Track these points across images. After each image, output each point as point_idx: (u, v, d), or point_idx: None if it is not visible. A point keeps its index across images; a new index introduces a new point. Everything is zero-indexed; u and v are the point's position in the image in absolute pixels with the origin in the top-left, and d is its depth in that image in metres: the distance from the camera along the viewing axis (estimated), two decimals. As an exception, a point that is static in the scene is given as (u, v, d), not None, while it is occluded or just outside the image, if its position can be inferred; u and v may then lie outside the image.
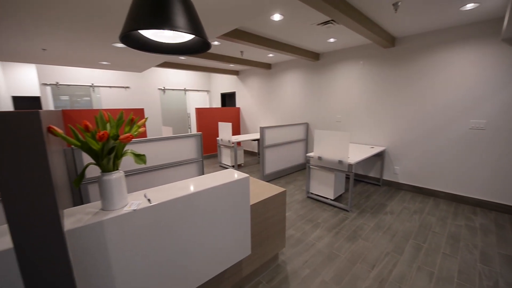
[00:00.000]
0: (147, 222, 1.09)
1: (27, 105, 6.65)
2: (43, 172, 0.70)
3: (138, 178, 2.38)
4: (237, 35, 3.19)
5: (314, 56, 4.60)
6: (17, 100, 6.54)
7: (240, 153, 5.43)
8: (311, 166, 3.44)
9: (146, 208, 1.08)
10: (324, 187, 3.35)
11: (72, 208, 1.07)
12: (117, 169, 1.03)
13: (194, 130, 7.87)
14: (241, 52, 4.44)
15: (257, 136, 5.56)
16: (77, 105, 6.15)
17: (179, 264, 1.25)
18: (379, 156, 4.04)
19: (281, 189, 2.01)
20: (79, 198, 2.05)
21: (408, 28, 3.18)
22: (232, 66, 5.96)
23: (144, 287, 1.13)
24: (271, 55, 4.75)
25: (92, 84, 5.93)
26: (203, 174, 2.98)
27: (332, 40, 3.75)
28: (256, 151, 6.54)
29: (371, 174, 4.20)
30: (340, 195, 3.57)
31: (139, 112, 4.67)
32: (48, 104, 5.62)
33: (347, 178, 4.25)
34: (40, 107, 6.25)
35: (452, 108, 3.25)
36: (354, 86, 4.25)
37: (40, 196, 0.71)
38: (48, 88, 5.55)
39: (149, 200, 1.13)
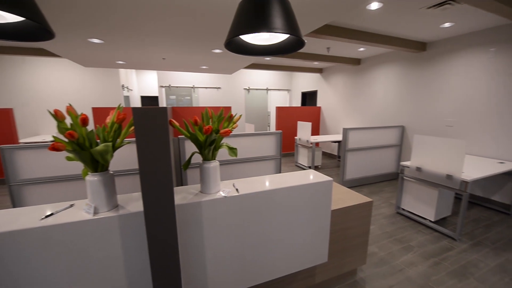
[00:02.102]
0: (234, 209, 1.20)
1: (149, 103, 8.61)
2: (166, 154, 0.87)
3: (223, 168, 2.66)
4: (325, 30, 3.05)
5: (419, 46, 3.86)
6: (143, 98, 8.57)
7: (318, 154, 5.22)
8: (405, 178, 2.93)
9: (235, 196, 1.19)
10: (422, 204, 2.79)
11: (178, 187, 1.30)
12: (214, 159, 1.17)
13: (273, 128, 8.14)
14: (328, 48, 4.23)
15: (338, 137, 5.20)
16: (180, 103, 7.47)
17: (256, 253, 1.31)
18: (513, 175, 3.01)
19: (366, 199, 1.81)
20: (179, 180, 2.48)
21: None
22: (316, 63, 5.78)
23: (226, 265, 1.25)
24: (362, 49, 4.31)
25: (193, 85, 7.04)
26: (280, 171, 3.03)
27: (447, 25, 3.04)
28: (336, 153, 6.13)
29: (496, 198, 3.19)
30: (444, 218, 2.89)
31: (227, 110, 5.21)
32: (162, 102, 7.06)
33: (457, 198, 3.38)
34: (157, 104, 7.94)
35: None
36: (478, 81, 3.31)
37: (163, 173, 0.88)
38: (163, 90, 6.96)
39: (237, 189, 1.24)
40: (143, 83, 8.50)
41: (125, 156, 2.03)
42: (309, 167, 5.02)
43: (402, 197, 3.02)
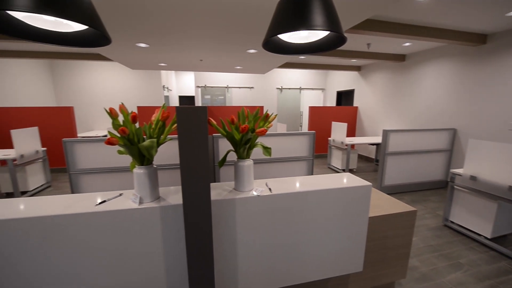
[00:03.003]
0: (267, 208, 1.20)
1: (186, 102, 9.10)
2: (205, 150, 0.91)
3: (255, 167, 2.67)
4: (366, 25, 2.87)
5: (477, 39, 3.40)
6: (181, 98, 9.10)
7: (354, 157, 4.96)
8: (456, 187, 2.62)
9: (268, 196, 1.18)
10: (477, 218, 2.46)
11: (213, 184, 1.34)
12: (248, 158, 1.19)
13: (305, 128, 7.96)
14: (368, 44, 3.98)
15: (377, 139, 4.87)
16: (214, 102, 7.74)
17: (287, 254, 1.30)
18: None
19: (409, 208, 1.66)
20: (213, 176, 2.57)
21: None
22: (354, 61, 5.49)
23: (257, 262, 1.26)
24: (407, 44, 3.97)
25: (227, 85, 7.24)
26: (312, 173, 2.95)
27: (516, 13, 2.62)
28: (373, 157, 5.76)
29: None
30: (504, 236, 2.51)
31: (260, 109, 5.24)
32: (198, 101, 7.40)
33: (521, 213, 2.91)
34: (193, 103, 8.35)
35: None
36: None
37: (202, 169, 0.92)
38: (199, 90, 7.29)
39: (270, 189, 1.23)
40: (181, 84, 9.03)
41: (165, 152, 2.17)
42: (343, 170, 4.80)
43: (451, 208, 2.70)
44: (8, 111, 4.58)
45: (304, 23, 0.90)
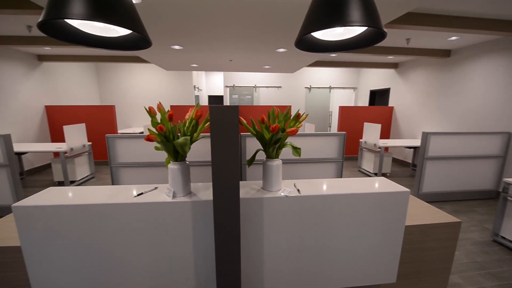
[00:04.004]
0: (294, 210, 1.18)
1: (215, 101, 9.37)
2: (235, 148, 0.92)
3: (282, 167, 2.65)
4: (406, 19, 2.66)
5: (544, 30, 2.95)
6: (210, 98, 9.39)
7: (387, 161, 4.66)
8: (510, 198, 2.31)
9: (296, 197, 1.16)
10: (536, 235, 2.15)
11: (241, 182, 1.36)
12: (277, 157, 1.18)
13: (333, 128, 7.69)
14: (407, 39, 3.70)
15: (414, 142, 4.52)
16: (242, 102, 7.84)
17: (314, 258, 1.26)
18: None
19: (453, 218, 1.51)
20: (240, 175, 2.61)
21: None
22: (390, 58, 5.14)
23: (283, 263, 1.24)
24: (453, 38, 3.60)
25: (255, 85, 7.29)
26: (341, 175, 2.84)
27: None
28: (410, 161, 5.35)
29: None
30: None
31: (286, 109, 5.19)
32: (226, 101, 7.56)
33: None
34: (222, 103, 8.57)
35: None
36: None
37: (232, 167, 0.94)
38: (227, 89, 7.45)
39: (298, 190, 1.21)
40: (210, 83, 9.32)
41: (197, 149, 2.26)
42: (375, 174, 4.53)
43: (503, 222, 2.40)
44: (62, 109, 5.16)
45: (339, 20, 0.86)
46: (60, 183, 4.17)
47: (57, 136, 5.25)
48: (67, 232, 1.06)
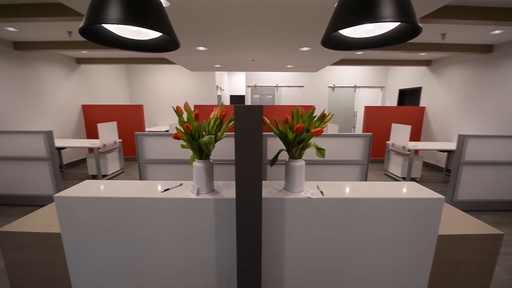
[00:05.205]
0: (317, 212, 1.15)
1: (237, 101, 9.49)
2: (259, 148, 0.92)
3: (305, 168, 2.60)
4: (442, 12, 2.47)
5: None
6: (232, 97, 9.52)
7: (417, 164, 4.37)
8: None
9: (319, 199, 1.14)
10: None
11: (263, 181, 1.36)
12: (300, 158, 1.16)
13: (358, 129, 7.39)
14: (442, 35, 3.43)
15: (449, 145, 4.19)
16: (263, 101, 7.83)
17: (336, 262, 1.22)
18: None
19: (493, 230, 1.37)
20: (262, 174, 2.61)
21: None
22: (423, 54, 4.82)
23: (304, 266, 1.22)
24: (497, 31, 3.27)
25: (277, 84, 7.25)
26: (365, 179, 2.72)
27: None
28: (443, 166, 4.97)
29: None
30: None
31: (309, 109, 5.09)
32: (248, 100, 7.61)
33: None
34: (244, 103, 8.64)
35: None
36: None
37: (255, 166, 0.94)
38: (249, 89, 7.49)
39: (321, 192, 1.18)
40: (232, 83, 9.45)
41: (220, 148, 2.30)
42: (403, 178, 4.28)
43: (555, 237, 2.13)
44: (96, 108, 5.57)
45: (370, 15, 0.81)
46: (94, 177, 4.50)
47: (92, 133, 5.67)
48: (101, 222, 1.14)
